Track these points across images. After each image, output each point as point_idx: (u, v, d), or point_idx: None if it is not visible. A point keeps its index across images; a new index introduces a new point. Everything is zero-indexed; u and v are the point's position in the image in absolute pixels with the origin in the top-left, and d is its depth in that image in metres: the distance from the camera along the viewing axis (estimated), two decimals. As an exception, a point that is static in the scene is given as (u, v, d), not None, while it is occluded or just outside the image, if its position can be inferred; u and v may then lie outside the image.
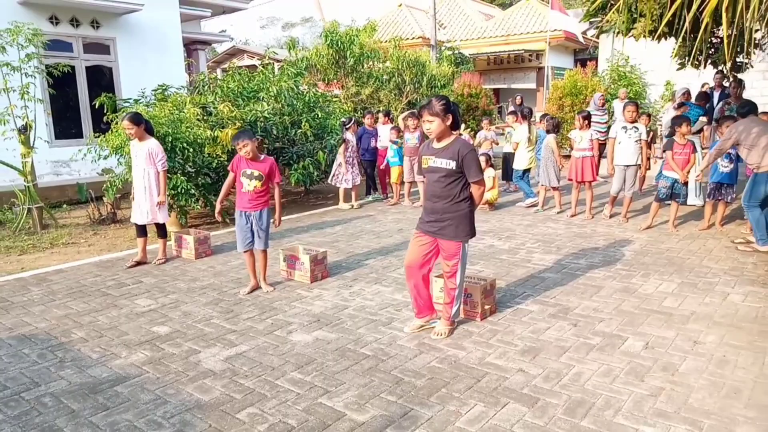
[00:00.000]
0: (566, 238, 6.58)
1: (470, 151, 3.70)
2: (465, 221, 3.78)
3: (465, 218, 3.77)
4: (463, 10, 27.17)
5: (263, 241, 4.95)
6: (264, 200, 4.93)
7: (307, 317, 4.34)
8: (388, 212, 8.66)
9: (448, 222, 3.76)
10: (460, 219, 3.75)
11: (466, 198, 3.76)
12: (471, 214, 3.83)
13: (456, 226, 3.76)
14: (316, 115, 9.17)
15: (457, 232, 3.77)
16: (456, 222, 3.75)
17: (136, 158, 5.81)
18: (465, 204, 3.76)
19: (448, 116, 3.67)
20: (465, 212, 3.77)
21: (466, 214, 3.77)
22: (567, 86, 13.55)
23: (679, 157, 6.53)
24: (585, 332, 3.89)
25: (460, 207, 3.75)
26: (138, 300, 4.87)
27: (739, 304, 4.33)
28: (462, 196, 3.74)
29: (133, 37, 11.33)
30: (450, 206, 3.75)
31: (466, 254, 3.89)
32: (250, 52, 24.94)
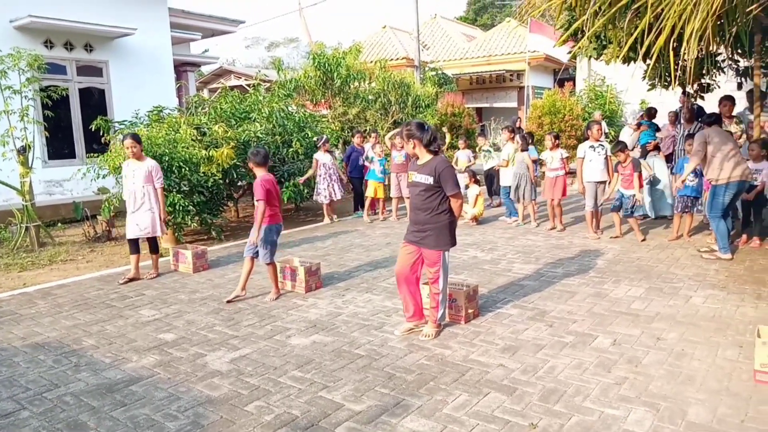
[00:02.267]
0: (545, 249, 6.99)
1: (446, 167, 4.11)
2: (445, 231, 4.17)
3: (445, 229, 4.16)
4: (446, 31, 27.93)
5: (262, 254, 5.27)
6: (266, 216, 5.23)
7: (303, 323, 4.66)
8: (377, 227, 9.01)
9: (429, 232, 4.15)
10: (440, 229, 4.14)
11: (445, 210, 4.16)
12: (451, 225, 4.22)
13: (436, 236, 4.15)
14: (306, 134, 9.55)
15: (437, 241, 4.16)
16: (436, 232, 4.14)
17: (133, 177, 6.11)
18: (444, 216, 4.15)
19: (424, 136, 4.11)
20: (445, 223, 4.16)
21: (446, 225, 4.16)
22: (546, 106, 14.12)
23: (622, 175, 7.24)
24: (559, 332, 4.26)
25: (440, 219, 4.14)
26: (142, 311, 5.15)
27: (700, 305, 4.74)
28: (441, 208, 4.14)
29: (126, 60, 11.67)
30: (431, 218, 4.14)
31: (447, 262, 4.27)
32: (237, 72, 25.36)
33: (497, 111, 24.43)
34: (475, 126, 16.70)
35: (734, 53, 8.96)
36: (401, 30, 26.40)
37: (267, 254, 5.29)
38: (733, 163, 6.01)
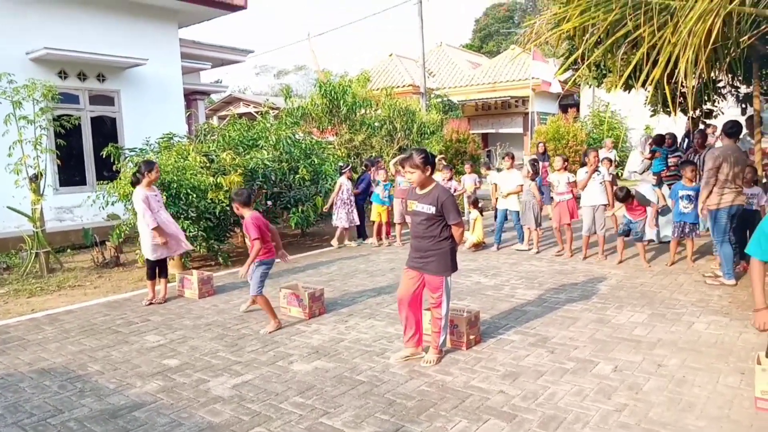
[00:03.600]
0: (548, 275, 7.01)
1: (448, 197, 4.19)
2: (447, 258, 4.23)
3: (447, 255, 4.22)
4: (452, 59, 28.36)
5: (252, 286, 5.30)
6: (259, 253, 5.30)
7: (306, 349, 4.70)
8: (381, 253, 9.07)
9: (431, 259, 4.21)
10: (442, 256, 4.20)
11: (447, 237, 4.23)
12: (452, 252, 4.29)
13: (438, 262, 4.20)
14: (313, 161, 9.70)
15: (439, 267, 4.21)
16: (438, 258, 4.20)
17: (158, 202, 6.36)
18: (446, 243, 4.22)
19: (428, 167, 4.19)
20: (446, 250, 4.22)
21: (447, 252, 4.23)
22: (550, 131, 14.25)
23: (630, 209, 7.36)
24: (561, 358, 4.27)
25: (442, 245, 4.21)
26: (147, 336, 5.20)
27: (702, 331, 4.74)
28: (443, 236, 4.21)
29: (137, 89, 11.95)
30: (433, 245, 4.21)
31: (450, 287, 4.32)
32: (246, 100, 25.80)
33: (503, 137, 24.64)
34: (480, 152, 16.83)
35: (734, 80, 9.07)
36: (407, 58, 26.84)
37: (256, 287, 5.27)
38: (727, 191, 6.04)
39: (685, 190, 7.13)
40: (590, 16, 4.32)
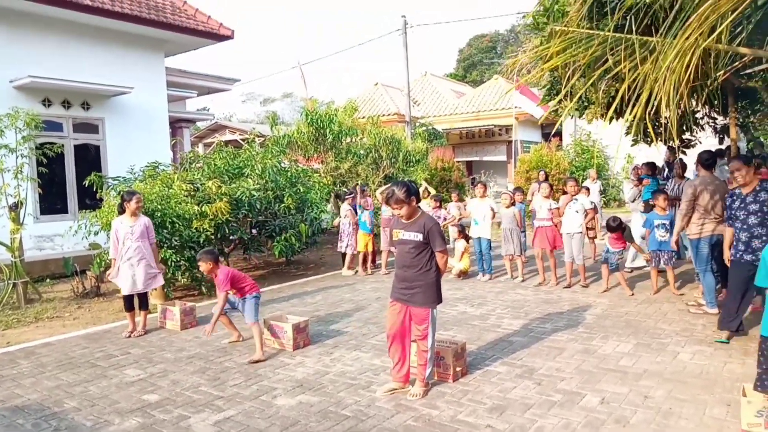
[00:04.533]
0: (534, 304, 7.01)
1: (435, 224, 4.24)
2: (432, 289, 4.22)
3: (432, 286, 4.22)
4: (436, 88, 28.78)
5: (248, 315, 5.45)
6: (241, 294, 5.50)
7: (290, 383, 4.61)
8: (367, 281, 9.01)
9: (417, 290, 4.20)
10: (428, 287, 4.20)
11: (432, 267, 4.23)
12: (438, 283, 4.29)
13: (424, 293, 4.19)
14: (298, 189, 9.69)
15: (425, 299, 4.20)
16: (424, 289, 4.19)
17: (131, 233, 6.20)
18: (432, 273, 4.23)
19: (412, 198, 4.23)
20: (432, 281, 4.22)
21: (433, 283, 4.23)
22: (533, 160, 14.43)
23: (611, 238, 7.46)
24: (548, 390, 4.24)
25: (428, 276, 4.21)
26: (127, 370, 5.08)
27: (687, 362, 4.74)
28: (429, 265, 4.22)
29: (122, 117, 11.91)
30: (419, 275, 4.20)
31: (435, 319, 4.30)
32: (232, 127, 25.83)
33: (487, 164, 24.89)
34: (465, 180, 16.96)
35: (711, 111, 9.31)
36: (392, 87, 27.19)
37: (253, 315, 5.39)
38: (707, 221, 6.12)
39: (660, 219, 7.25)
40: (571, 54, 4.42)
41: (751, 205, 5.19)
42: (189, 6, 12.65)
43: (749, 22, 4.38)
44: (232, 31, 13.01)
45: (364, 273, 9.58)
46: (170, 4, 12.36)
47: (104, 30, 11.46)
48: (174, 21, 11.91)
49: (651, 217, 7.44)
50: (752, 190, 5.21)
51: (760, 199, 5.17)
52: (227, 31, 12.93)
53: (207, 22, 12.64)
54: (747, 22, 4.40)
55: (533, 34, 7.54)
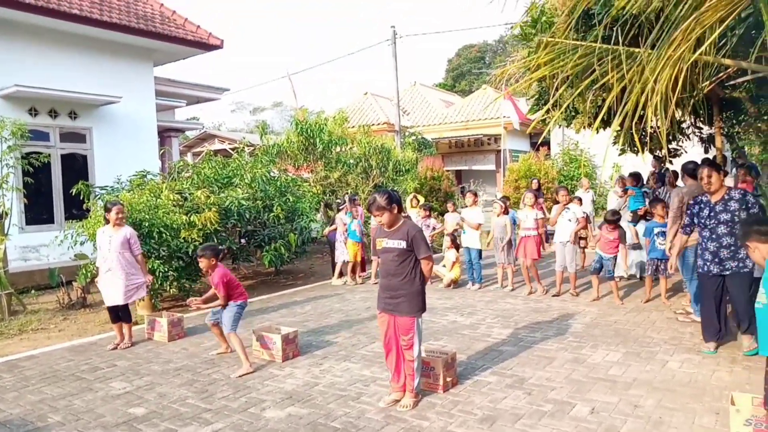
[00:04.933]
0: (524, 313, 7.01)
1: (418, 231, 4.24)
2: (417, 297, 4.21)
3: (418, 295, 4.21)
4: (425, 97, 28.93)
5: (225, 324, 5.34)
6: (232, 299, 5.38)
7: (279, 395, 4.56)
8: (356, 291, 8.98)
9: (402, 299, 4.19)
10: (413, 295, 4.19)
11: (417, 275, 4.22)
12: (423, 291, 4.28)
13: (409, 302, 4.19)
14: (288, 199, 9.65)
15: (410, 307, 4.19)
16: (409, 298, 4.18)
17: (109, 244, 6.15)
18: (417, 280, 4.21)
19: (394, 206, 4.23)
20: (417, 289, 4.21)
21: (418, 291, 4.22)
22: (522, 169, 14.52)
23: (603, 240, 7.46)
24: (538, 400, 4.23)
25: (413, 284, 4.20)
26: (113, 383, 5.00)
27: (676, 370, 4.76)
28: (414, 273, 4.20)
29: (110, 126, 11.83)
30: (404, 283, 4.19)
31: (421, 328, 4.28)
32: (221, 136, 25.77)
33: (476, 174, 25.01)
34: (454, 189, 17.00)
35: (697, 121, 9.44)
36: (382, 96, 27.29)
37: (231, 324, 5.27)
38: None
39: (660, 227, 7.25)
40: (558, 64, 4.46)
41: (721, 214, 4.98)
42: (178, 16, 12.63)
43: (733, 34, 4.44)
44: (221, 41, 13.00)
45: (354, 282, 9.55)
46: (159, 13, 12.34)
47: (93, 39, 11.41)
48: (163, 31, 11.88)
49: (650, 226, 7.46)
50: (721, 199, 5.03)
51: (730, 209, 4.95)
52: (216, 40, 12.91)
53: (196, 32, 12.63)
54: (731, 34, 4.47)
55: (521, 44, 7.61)
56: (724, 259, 4.98)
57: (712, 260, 5.04)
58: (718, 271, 5.01)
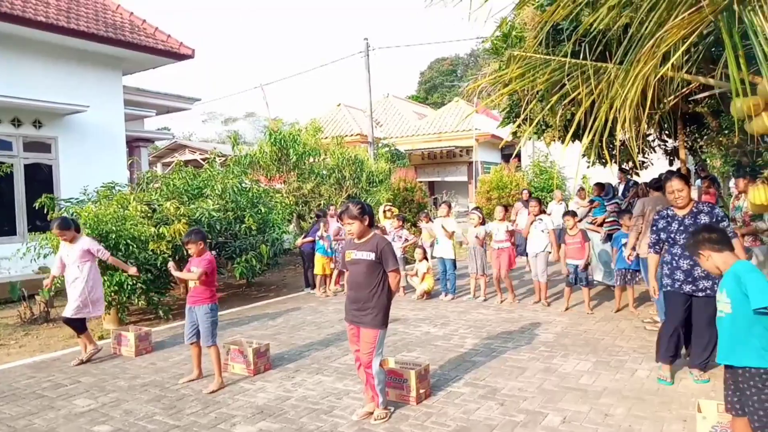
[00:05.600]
0: (496, 324, 7.05)
1: (387, 243, 4.23)
2: (383, 311, 4.19)
3: (383, 308, 4.19)
4: (398, 109, 29.11)
5: (205, 336, 5.10)
6: (203, 296, 5.12)
7: (250, 409, 4.48)
8: (329, 303, 8.91)
9: (369, 311, 4.17)
10: (378, 308, 4.16)
11: (384, 288, 4.19)
12: (388, 304, 4.25)
13: (375, 315, 4.17)
14: (259, 210, 9.56)
15: (374, 320, 4.17)
16: (376, 311, 4.16)
17: (67, 257, 6.02)
18: (383, 294, 4.19)
19: (365, 217, 4.22)
20: (384, 303, 4.19)
21: (385, 304, 4.19)
22: (493, 181, 14.69)
23: (571, 246, 7.51)
24: (510, 410, 4.24)
25: (380, 296, 4.17)
26: (76, 400, 4.83)
27: (645, 379, 4.84)
28: (381, 286, 4.18)
29: (76, 136, 11.55)
30: (370, 295, 4.17)
31: (383, 342, 4.23)
32: (192, 147, 25.44)
33: (448, 185, 25.21)
34: (427, 200, 17.09)
35: (662, 134, 9.71)
36: (355, 108, 27.36)
37: (210, 337, 5.09)
38: None
39: (627, 237, 7.42)
40: (529, 79, 4.54)
41: (692, 228, 4.45)
42: (148, 25, 12.47)
43: (696, 51, 4.59)
44: (192, 50, 12.87)
45: (324, 296, 9.47)
46: (129, 22, 12.16)
47: (59, 47, 11.16)
48: (132, 39, 11.71)
49: (618, 236, 7.63)
50: (690, 212, 4.66)
51: (701, 222, 4.57)
52: (188, 50, 12.78)
53: (167, 41, 12.48)
54: (695, 51, 4.62)
55: (492, 58, 7.73)
56: (699, 277, 4.52)
57: (684, 279, 4.58)
58: (691, 291, 4.57)
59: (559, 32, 5.64)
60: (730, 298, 2.96)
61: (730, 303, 2.96)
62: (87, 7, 11.69)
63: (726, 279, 3.02)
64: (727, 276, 3.02)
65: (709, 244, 3.07)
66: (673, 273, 4.68)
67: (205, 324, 5.09)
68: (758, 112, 3.42)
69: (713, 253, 3.07)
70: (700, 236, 3.14)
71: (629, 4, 4.24)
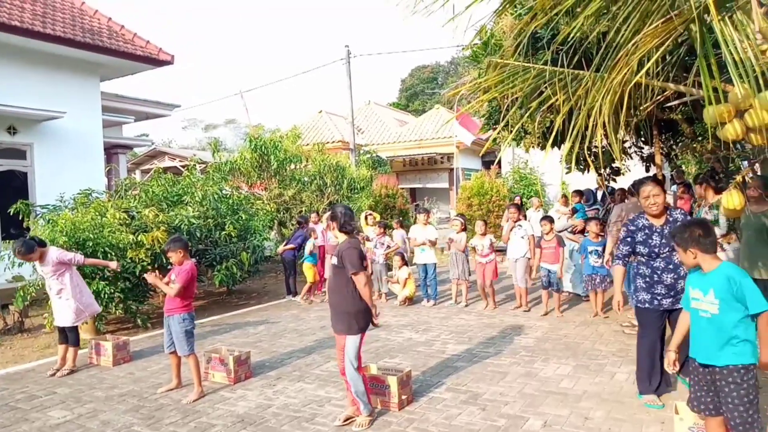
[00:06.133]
0: (477, 329, 7.09)
1: (347, 248, 4.17)
2: (351, 316, 4.16)
3: (351, 314, 4.16)
4: (379, 116, 29.19)
5: (180, 346, 5.02)
6: (177, 306, 5.04)
7: (231, 418, 4.43)
8: (311, 310, 8.87)
9: (341, 316, 4.20)
10: (347, 313, 4.16)
11: (351, 293, 4.15)
12: (359, 311, 4.17)
13: (342, 320, 4.18)
14: (240, 217, 9.49)
15: (343, 325, 4.18)
16: (347, 316, 4.16)
17: (44, 273, 5.94)
18: (352, 299, 4.15)
19: (333, 223, 4.29)
20: (352, 308, 4.15)
21: (353, 310, 4.15)
22: (474, 187, 14.79)
23: (546, 251, 7.65)
24: (492, 415, 4.26)
25: (348, 301, 4.16)
26: (51, 412, 4.73)
27: (624, 382, 4.90)
28: (348, 290, 4.16)
29: (53, 142, 11.35)
30: (340, 300, 4.20)
31: (356, 349, 4.17)
32: (171, 153, 25.19)
33: (430, 191, 25.33)
34: (409, 206, 17.14)
35: (638, 141, 9.88)
36: (336, 114, 27.36)
37: (187, 346, 5.01)
38: None
39: (593, 245, 7.56)
40: (508, 86, 4.59)
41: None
42: (127, 30, 12.33)
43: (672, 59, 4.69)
44: (172, 56, 12.75)
45: (307, 303, 9.42)
46: (107, 28, 12.02)
47: (35, 52, 10.97)
48: (110, 45, 11.56)
49: (585, 243, 7.74)
50: (666, 222, 4.31)
51: None
52: (167, 56, 12.66)
53: (146, 47, 12.35)
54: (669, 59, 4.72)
55: (472, 65, 7.81)
56: (680, 291, 4.06)
57: (666, 294, 4.19)
58: (670, 305, 4.19)
59: (538, 40, 5.73)
60: (718, 299, 2.94)
61: (718, 304, 2.95)
62: (63, 12, 11.53)
63: (714, 280, 2.99)
64: (715, 277, 2.99)
65: (702, 246, 3.04)
66: (651, 287, 4.24)
67: (179, 333, 5.00)
68: (729, 119, 3.50)
69: (700, 253, 3.04)
70: (693, 233, 3.06)
71: (606, 14, 4.33)
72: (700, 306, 3.06)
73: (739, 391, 2.91)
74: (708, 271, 3.03)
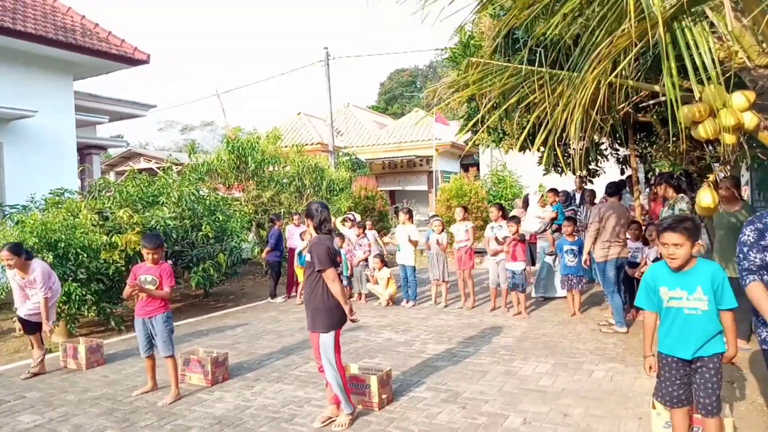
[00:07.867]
0: (457, 329, 7.10)
1: (316, 244, 4.16)
2: (321, 313, 4.14)
3: (321, 311, 4.15)
4: (359, 119, 29.16)
5: (165, 347, 4.93)
6: (159, 306, 4.94)
7: (208, 420, 4.35)
8: (290, 312, 8.79)
9: (313, 314, 4.18)
10: (317, 311, 4.16)
11: (322, 290, 4.14)
12: (329, 307, 4.13)
13: (313, 317, 4.18)
14: (217, 218, 9.36)
15: (313, 322, 4.18)
16: (318, 313, 4.15)
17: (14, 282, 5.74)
18: (321, 295, 4.13)
19: (308, 220, 4.28)
20: (321, 305, 4.13)
21: (322, 307, 4.13)
22: (453, 189, 14.84)
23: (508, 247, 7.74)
24: (472, 413, 4.26)
25: (318, 298, 4.15)
26: (21, 417, 4.59)
27: (601, 379, 4.95)
28: (318, 287, 4.15)
29: (23, 141, 11.07)
30: (311, 297, 4.19)
31: (329, 347, 4.13)
32: (147, 155, 24.78)
33: (409, 194, 25.35)
34: (388, 208, 17.13)
35: (614, 143, 10.02)
36: (315, 117, 27.26)
37: (169, 347, 4.93)
38: (612, 245, 6.55)
39: (568, 245, 7.63)
40: (486, 85, 4.62)
41: None
42: (101, 29, 12.11)
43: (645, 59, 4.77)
44: (147, 55, 12.56)
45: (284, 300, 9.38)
46: (80, 26, 11.78)
47: (5, 49, 10.69)
48: (84, 43, 11.33)
49: (560, 243, 7.82)
50: None
51: None
52: (142, 55, 12.46)
53: (120, 46, 12.14)
54: (643, 60, 4.80)
55: (451, 67, 7.83)
56: None
57: None
58: None
59: (516, 40, 5.77)
60: (707, 296, 3.02)
61: (707, 300, 3.02)
62: (35, 9, 11.27)
63: (700, 277, 3.05)
64: (700, 274, 3.05)
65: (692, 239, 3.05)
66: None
67: (164, 334, 4.91)
68: (703, 118, 3.56)
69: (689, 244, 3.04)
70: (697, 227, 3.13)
71: (581, 15, 4.38)
72: (684, 304, 3.09)
73: (718, 376, 3.05)
74: (688, 269, 3.07)
